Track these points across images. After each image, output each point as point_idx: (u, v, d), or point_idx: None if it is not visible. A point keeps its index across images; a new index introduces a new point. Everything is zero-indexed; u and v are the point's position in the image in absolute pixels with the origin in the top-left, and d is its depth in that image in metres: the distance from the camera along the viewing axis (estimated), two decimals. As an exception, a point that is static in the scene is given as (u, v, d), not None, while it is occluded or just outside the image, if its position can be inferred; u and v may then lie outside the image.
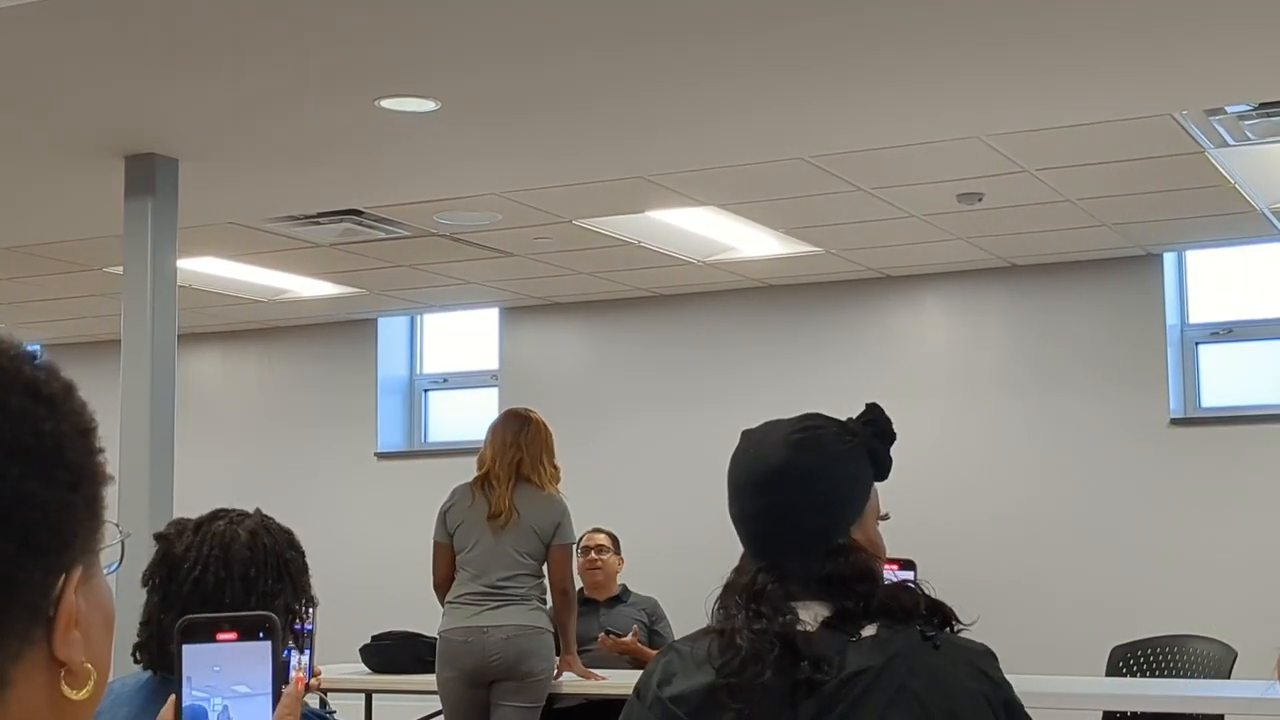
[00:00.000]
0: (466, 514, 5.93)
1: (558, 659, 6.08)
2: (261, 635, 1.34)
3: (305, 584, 2.44)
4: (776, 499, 2.10)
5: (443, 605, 5.97)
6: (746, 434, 2.21)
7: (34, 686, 0.98)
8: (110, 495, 1.06)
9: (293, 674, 1.34)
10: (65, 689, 1.00)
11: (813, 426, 2.16)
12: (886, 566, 2.23)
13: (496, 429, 6.08)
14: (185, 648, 1.31)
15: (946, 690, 1.95)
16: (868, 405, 2.20)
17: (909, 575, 2.35)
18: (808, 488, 2.10)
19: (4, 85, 4.67)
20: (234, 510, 2.45)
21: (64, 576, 0.99)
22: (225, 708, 1.29)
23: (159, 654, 2.37)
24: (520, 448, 5.94)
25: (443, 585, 6.02)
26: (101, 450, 1.05)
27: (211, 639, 1.32)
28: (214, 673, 1.30)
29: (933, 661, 1.96)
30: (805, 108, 5.01)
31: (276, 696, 1.30)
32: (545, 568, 5.98)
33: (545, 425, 6.06)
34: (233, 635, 1.33)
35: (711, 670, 1.99)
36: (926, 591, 2.07)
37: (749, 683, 1.94)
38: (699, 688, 1.99)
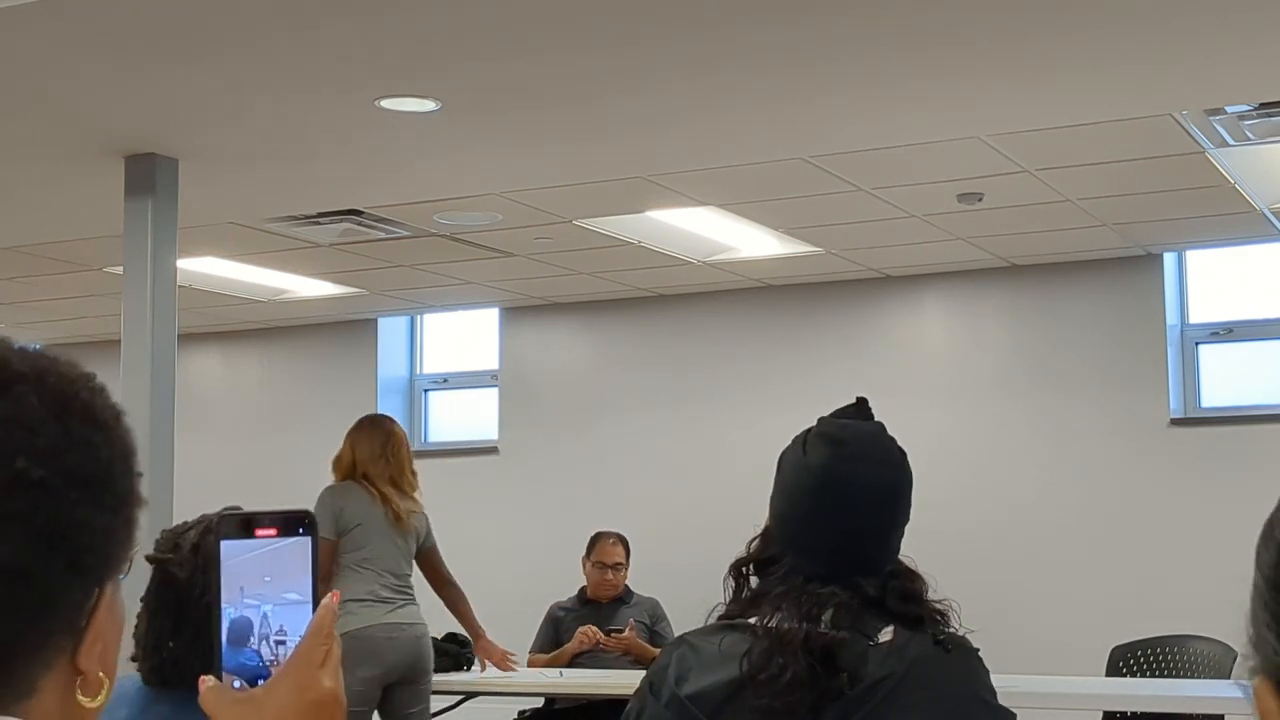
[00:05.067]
0: (365, 514, 5.97)
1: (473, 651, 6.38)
2: (302, 531, 1.28)
3: None
4: (885, 520, 2.08)
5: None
6: (837, 441, 2.09)
7: (55, 694, 1.03)
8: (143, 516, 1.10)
9: (325, 599, 1.28)
10: (81, 696, 1.04)
11: (894, 439, 2.14)
12: None
13: (362, 436, 6.16)
14: (224, 544, 1.23)
15: (959, 696, 2.00)
16: (858, 399, 2.19)
17: None
18: (905, 507, 2.10)
19: (3, 85, 4.67)
20: (213, 519, 2.41)
21: (98, 592, 1.04)
22: (266, 615, 1.26)
23: (172, 675, 2.34)
24: (388, 459, 6.08)
25: (324, 582, 6.07)
26: (140, 474, 1.09)
27: (250, 535, 1.25)
28: (264, 581, 1.24)
29: (946, 667, 2.00)
30: (805, 107, 5.01)
31: (315, 602, 1.27)
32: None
33: (404, 434, 6.29)
34: (272, 531, 1.26)
35: (733, 667, 1.96)
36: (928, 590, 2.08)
37: (784, 688, 1.92)
38: (719, 685, 1.96)
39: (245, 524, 1.25)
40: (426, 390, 9.82)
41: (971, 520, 7.86)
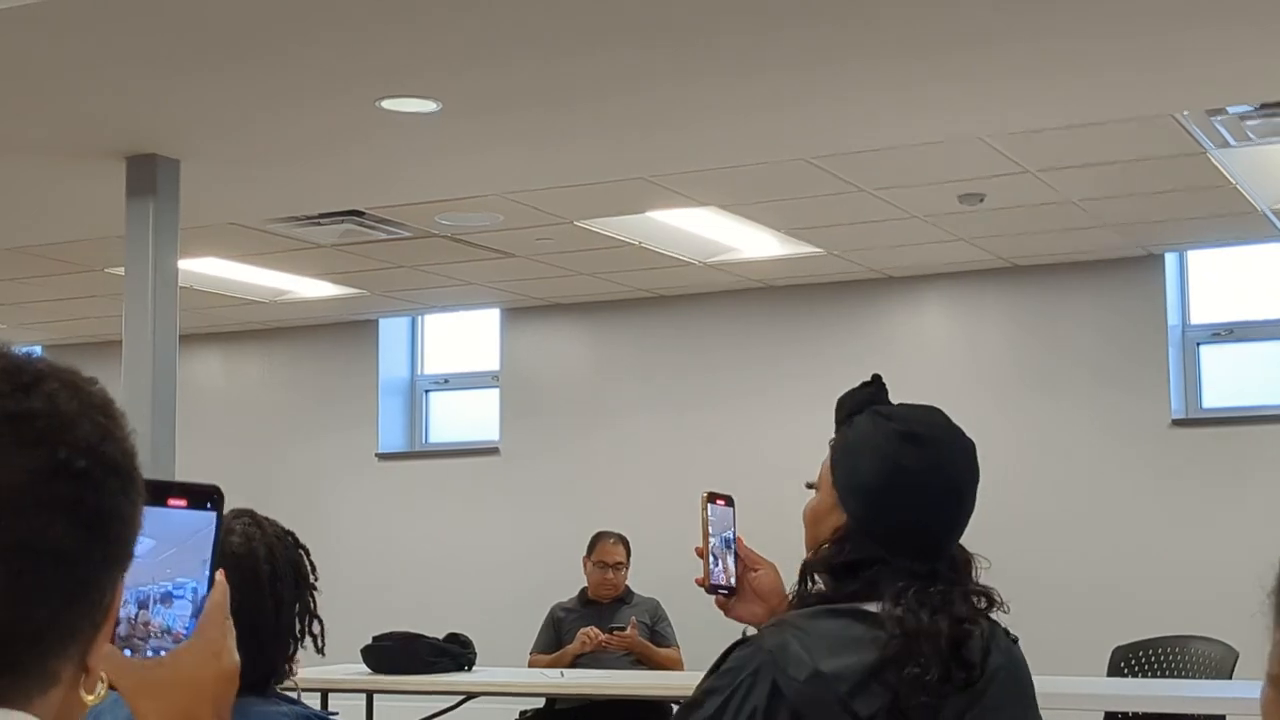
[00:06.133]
0: None
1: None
2: (209, 506, 1.29)
3: (313, 582, 2.44)
4: (967, 509, 2.12)
5: None
6: (918, 438, 2.09)
7: (66, 687, 1.03)
8: None
9: (218, 574, 1.30)
10: (82, 692, 1.05)
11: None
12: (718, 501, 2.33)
13: None
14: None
15: (1031, 685, 2.12)
16: (874, 376, 2.19)
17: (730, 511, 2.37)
18: (975, 498, 2.14)
19: (5, 86, 4.67)
20: (231, 519, 2.37)
21: (116, 587, 1.06)
22: (165, 588, 1.27)
23: None
24: None
25: None
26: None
27: (162, 503, 1.27)
28: (166, 552, 1.25)
29: (1022, 657, 2.11)
30: (807, 108, 5.01)
31: (210, 583, 1.30)
32: None
33: None
34: (183, 502, 1.28)
35: (867, 653, 1.95)
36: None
37: (926, 682, 1.93)
38: (857, 667, 1.94)
39: (159, 491, 1.25)
40: (427, 391, 9.82)
41: (972, 520, 7.84)
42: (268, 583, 2.32)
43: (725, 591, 2.30)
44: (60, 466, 1.00)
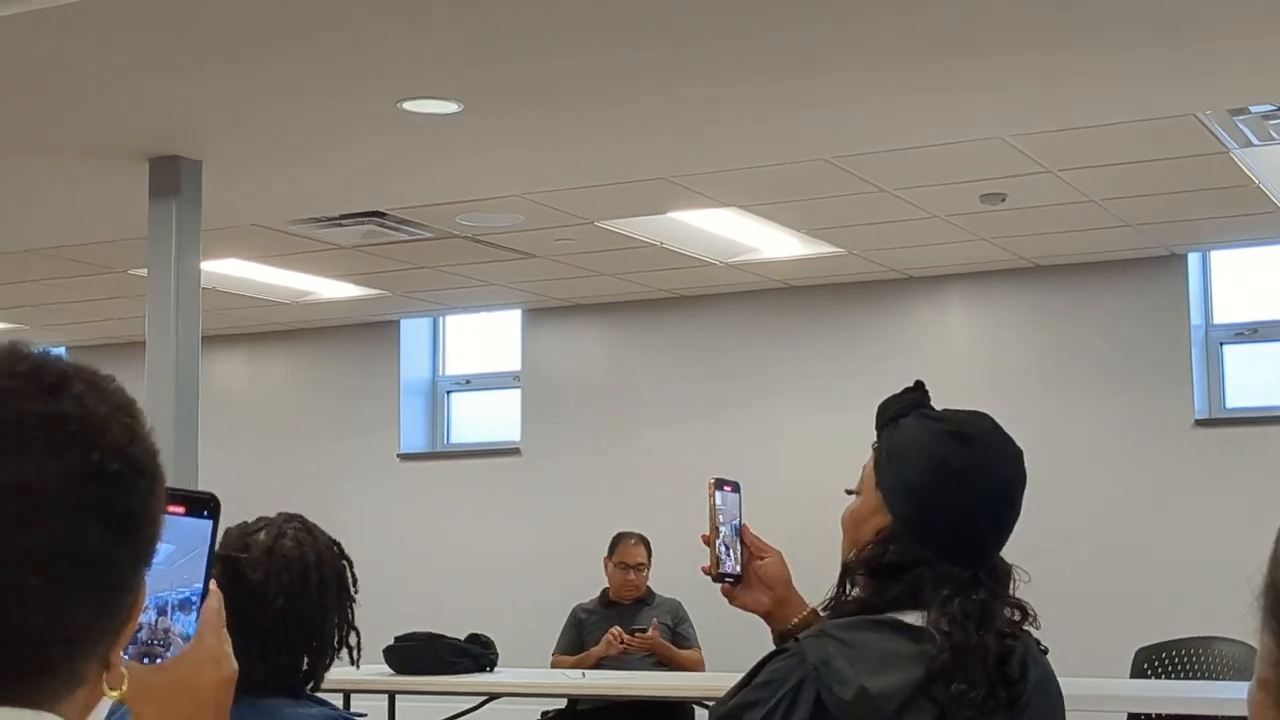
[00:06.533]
0: None
1: None
2: (205, 514, 1.29)
3: (354, 594, 2.45)
4: (1014, 512, 2.11)
5: None
6: (967, 438, 2.07)
7: (92, 686, 1.04)
8: None
9: (211, 583, 1.29)
10: (106, 688, 1.05)
11: None
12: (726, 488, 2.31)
13: None
14: None
15: (1061, 694, 2.10)
16: (917, 383, 2.16)
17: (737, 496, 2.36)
18: (1021, 502, 2.12)
19: (29, 88, 4.69)
20: (283, 521, 2.39)
21: (141, 586, 1.06)
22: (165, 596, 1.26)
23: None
24: None
25: None
26: None
27: (165, 509, 1.27)
28: (167, 560, 1.24)
29: (1052, 669, 2.09)
30: (828, 109, 5.00)
31: (205, 593, 1.30)
32: None
33: None
34: (180, 510, 1.27)
35: (912, 669, 1.91)
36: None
37: (973, 699, 1.91)
38: (902, 685, 1.90)
39: (197, 504, 1.26)
40: (449, 392, 9.83)
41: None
42: (316, 589, 2.33)
43: (732, 579, 2.27)
44: (93, 470, 1.00)
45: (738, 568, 2.28)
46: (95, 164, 5.50)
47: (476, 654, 6.59)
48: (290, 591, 2.29)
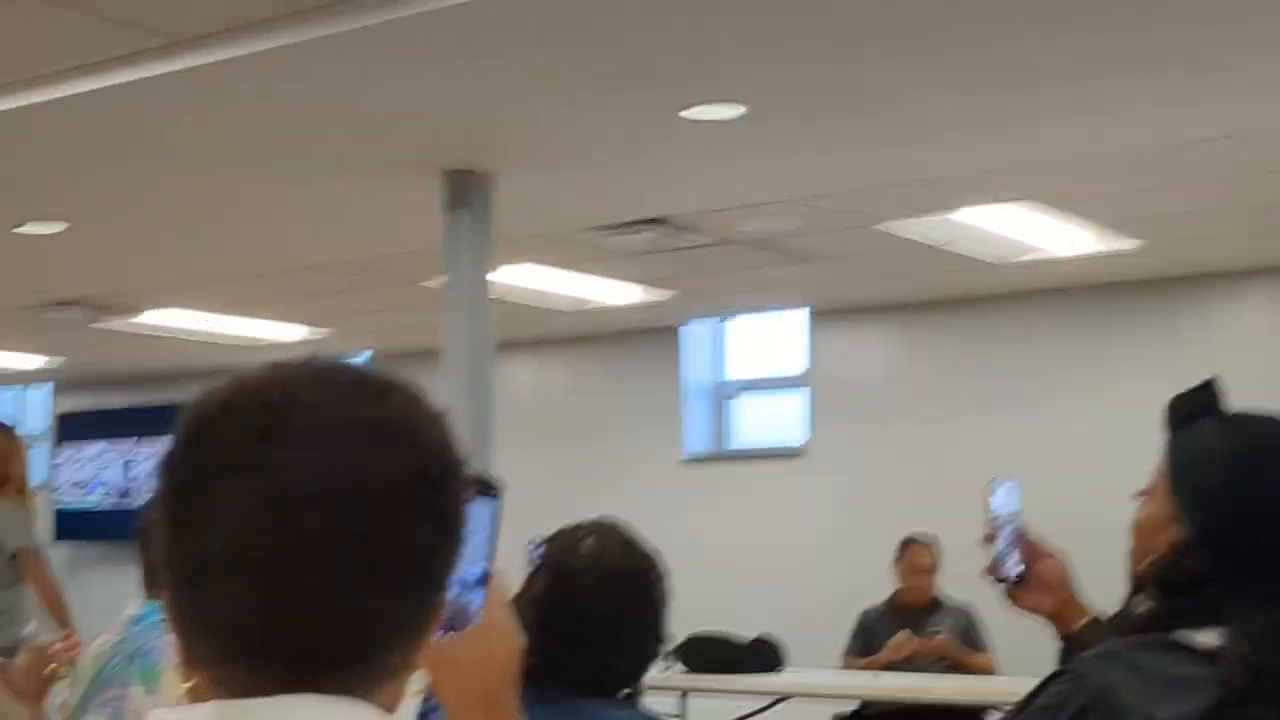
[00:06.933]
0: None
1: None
2: (492, 494, 1.31)
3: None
4: None
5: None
6: (1273, 447, 1.96)
7: (400, 680, 1.09)
8: None
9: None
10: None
11: None
12: None
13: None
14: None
15: None
16: (1209, 380, 2.03)
17: None
18: None
19: (333, 108, 4.88)
20: (606, 529, 2.50)
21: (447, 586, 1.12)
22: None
23: (545, 678, 2.05)
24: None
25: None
26: None
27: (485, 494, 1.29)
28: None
29: None
30: (1133, 101, 4.87)
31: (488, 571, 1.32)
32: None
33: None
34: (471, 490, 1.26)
35: (1203, 694, 1.81)
36: None
37: (1263, 716, 1.81)
38: (1193, 715, 1.81)
39: (483, 486, 1.29)
40: (730, 396, 9.88)
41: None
42: (641, 600, 2.44)
43: (1013, 581, 2.22)
44: (416, 471, 1.05)
45: (1018, 569, 2.23)
46: (389, 178, 5.67)
47: (764, 655, 6.61)
48: (617, 599, 2.37)
